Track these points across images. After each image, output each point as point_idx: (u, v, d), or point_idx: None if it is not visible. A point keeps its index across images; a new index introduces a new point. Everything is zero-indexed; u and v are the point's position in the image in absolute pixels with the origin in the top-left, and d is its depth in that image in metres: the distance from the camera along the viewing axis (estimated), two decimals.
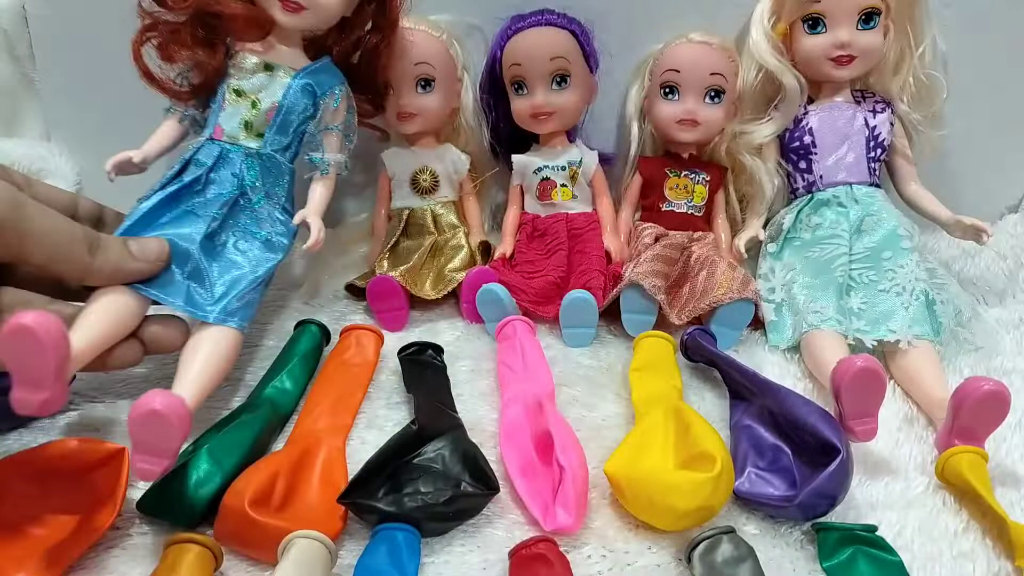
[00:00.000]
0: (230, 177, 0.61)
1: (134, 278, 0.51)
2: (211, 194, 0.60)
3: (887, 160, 0.74)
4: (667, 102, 0.73)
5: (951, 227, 0.70)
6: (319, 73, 0.64)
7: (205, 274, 0.55)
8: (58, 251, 0.46)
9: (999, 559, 0.47)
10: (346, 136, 0.67)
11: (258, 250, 0.60)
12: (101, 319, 0.49)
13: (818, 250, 0.69)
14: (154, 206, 0.57)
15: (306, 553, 0.41)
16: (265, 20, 0.62)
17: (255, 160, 0.62)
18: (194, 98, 0.65)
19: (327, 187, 0.65)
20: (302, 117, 0.63)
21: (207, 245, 0.57)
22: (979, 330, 0.68)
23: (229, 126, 0.62)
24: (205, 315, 0.54)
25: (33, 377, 0.41)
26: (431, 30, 0.72)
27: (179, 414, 0.43)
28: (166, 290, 0.53)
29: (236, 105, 0.62)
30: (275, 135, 0.62)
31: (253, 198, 0.61)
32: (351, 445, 0.54)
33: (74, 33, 0.78)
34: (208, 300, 0.55)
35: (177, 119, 0.66)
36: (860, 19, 0.68)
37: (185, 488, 0.47)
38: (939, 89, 0.72)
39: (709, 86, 0.71)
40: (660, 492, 0.45)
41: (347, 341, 0.62)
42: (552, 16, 0.71)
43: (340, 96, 0.65)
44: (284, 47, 0.64)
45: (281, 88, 0.62)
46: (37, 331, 0.40)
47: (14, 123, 0.84)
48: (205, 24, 0.61)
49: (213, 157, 0.60)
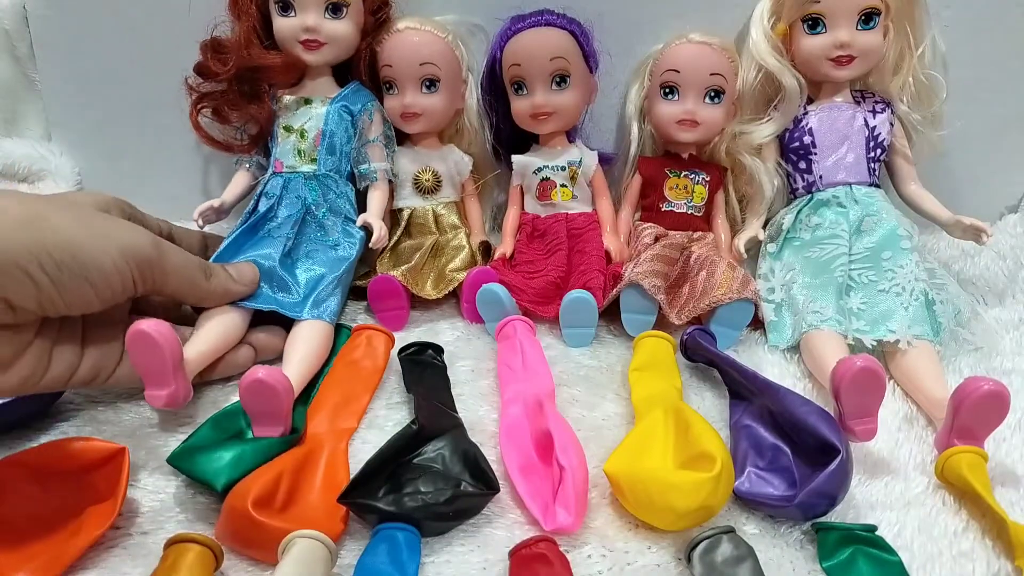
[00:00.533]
0: (295, 200, 0.70)
1: (237, 298, 0.60)
2: (282, 217, 0.69)
3: (887, 160, 0.74)
4: (667, 102, 0.73)
5: (951, 227, 0.70)
6: (351, 96, 0.72)
7: (289, 283, 0.64)
8: (185, 282, 0.55)
9: (999, 559, 0.47)
10: (387, 146, 0.74)
11: (330, 255, 0.68)
12: (212, 332, 0.58)
13: (818, 250, 0.69)
14: (237, 236, 0.66)
15: (306, 553, 0.41)
16: (298, 63, 0.71)
17: (313, 182, 0.71)
18: (254, 147, 0.74)
19: (382, 191, 0.74)
20: (346, 137, 0.72)
21: (286, 261, 0.65)
22: (979, 330, 0.68)
23: (286, 158, 0.72)
24: (297, 314, 0.62)
25: (156, 374, 0.50)
26: (436, 31, 0.72)
27: (278, 379, 0.50)
28: (261, 301, 0.61)
29: (288, 139, 0.72)
30: (326, 156, 0.71)
31: (318, 214, 0.70)
32: (351, 445, 0.54)
33: (75, 33, 0.78)
34: (297, 302, 0.63)
35: (245, 168, 0.76)
36: (860, 19, 0.68)
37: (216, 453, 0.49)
38: (939, 89, 0.72)
39: (709, 86, 0.71)
40: (660, 492, 0.45)
41: (357, 341, 0.62)
42: (552, 16, 0.71)
43: (373, 111, 0.73)
44: (316, 81, 0.73)
45: (321, 116, 0.71)
46: (152, 334, 0.49)
47: (15, 123, 0.84)
48: (247, 80, 0.70)
49: (279, 187, 0.70)
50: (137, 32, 0.77)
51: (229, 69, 0.69)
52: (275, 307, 0.61)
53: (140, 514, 0.48)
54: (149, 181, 0.82)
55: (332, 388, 0.59)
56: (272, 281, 0.63)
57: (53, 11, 0.78)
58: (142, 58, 0.77)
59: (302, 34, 0.69)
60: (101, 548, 0.46)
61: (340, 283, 0.66)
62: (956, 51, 0.72)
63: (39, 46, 0.80)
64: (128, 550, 0.46)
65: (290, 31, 0.69)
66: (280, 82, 0.72)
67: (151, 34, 0.75)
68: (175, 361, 0.51)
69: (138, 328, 0.49)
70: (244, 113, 0.71)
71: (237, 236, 0.66)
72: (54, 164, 0.82)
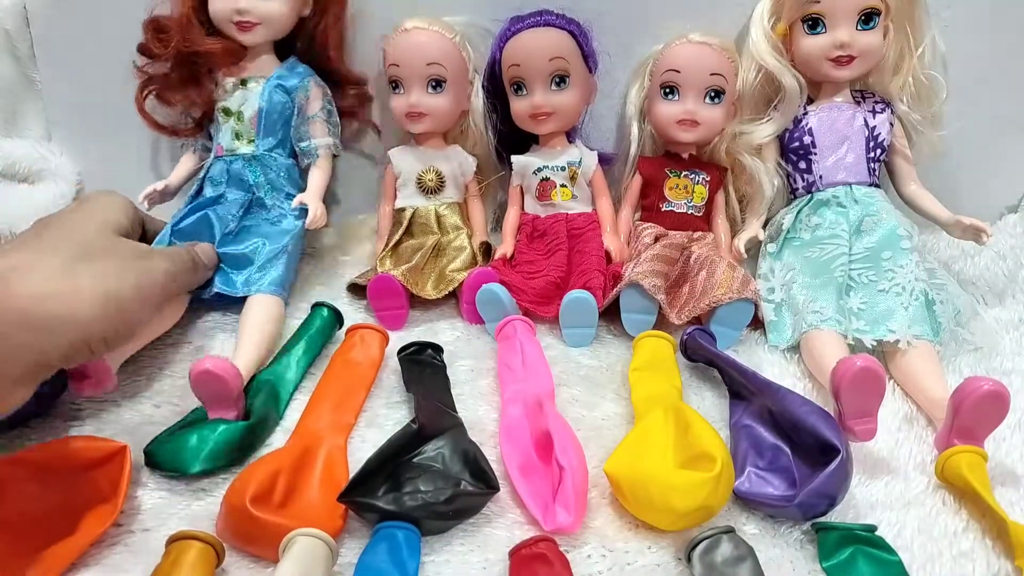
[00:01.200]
0: (239, 182, 0.71)
1: (205, 279, 0.64)
2: (228, 201, 0.70)
3: (887, 160, 0.74)
4: (667, 102, 0.73)
5: (951, 227, 0.70)
6: (287, 72, 0.73)
7: (233, 259, 0.66)
8: (185, 287, 0.61)
9: (999, 559, 0.47)
10: (328, 120, 0.74)
11: (272, 229, 0.70)
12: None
13: (818, 250, 0.69)
14: (181, 220, 0.67)
15: (307, 551, 0.41)
16: (237, 46, 0.71)
17: (253, 163, 0.71)
18: (200, 130, 0.75)
19: (322, 169, 0.73)
20: (284, 115, 0.72)
21: (226, 239, 0.67)
22: (979, 330, 0.68)
23: (226, 141, 0.72)
24: (235, 290, 0.65)
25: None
26: (444, 31, 0.72)
27: (225, 368, 0.52)
28: (204, 290, 0.65)
29: (227, 122, 0.72)
30: (263, 137, 0.71)
31: (260, 193, 0.71)
32: (351, 444, 0.55)
33: (75, 33, 0.78)
34: (237, 279, 0.65)
35: (192, 151, 0.76)
36: (860, 19, 0.68)
37: (186, 442, 0.51)
38: (938, 89, 0.72)
39: (709, 86, 0.72)
40: (660, 492, 0.46)
41: (352, 340, 0.62)
42: (551, 17, 0.71)
43: (310, 85, 0.73)
44: (255, 61, 0.72)
45: (257, 95, 0.71)
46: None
47: (15, 123, 0.84)
48: (188, 65, 0.71)
49: (222, 171, 0.71)
50: (137, 32, 0.77)
51: (169, 52, 0.69)
52: (217, 290, 0.65)
53: (141, 512, 0.48)
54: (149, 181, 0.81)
55: (328, 385, 0.59)
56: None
57: (53, 11, 0.78)
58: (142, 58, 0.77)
59: (235, 16, 0.69)
60: (103, 546, 0.46)
61: (284, 253, 0.68)
62: (956, 51, 0.71)
63: (39, 46, 0.80)
64: (130, 548, 0.46)
65: (224, 13, 0.69)
66: (221, 66, 0.71)
67: None
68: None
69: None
70: (185, 97, 0.71)
71: (181, 220, 0.67)
72: (54, 164, 0.82)
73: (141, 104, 0.73)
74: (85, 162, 0.84)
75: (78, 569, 0.44)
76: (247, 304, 0.65)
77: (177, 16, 0.70)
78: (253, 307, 0.64)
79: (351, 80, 0.77)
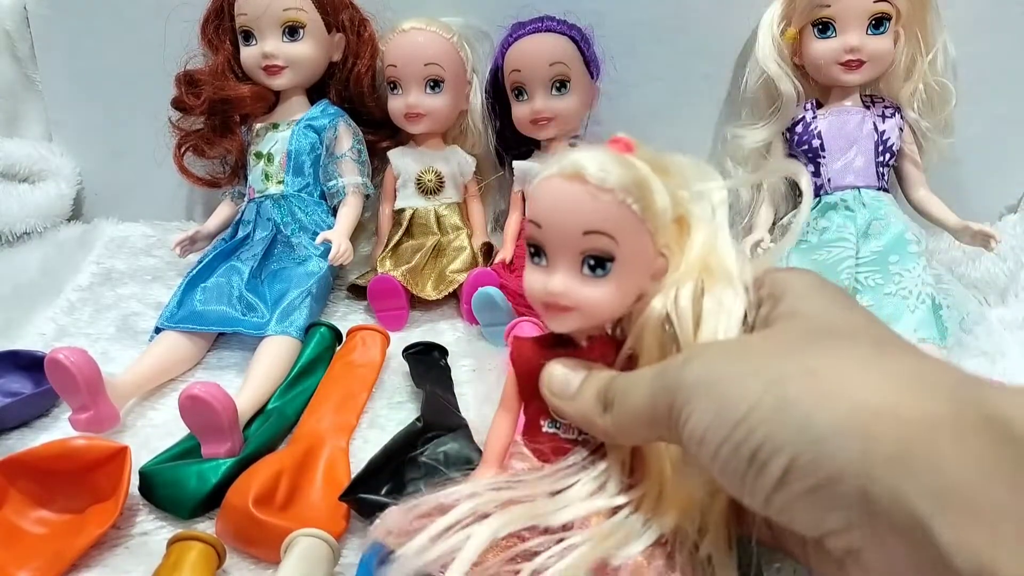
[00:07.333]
0: (266, 223, 0.71)
1: None
2: (255, 240, 0.70)
3: (896, 165, 0.74)
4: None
5: (959, 233, 0.70)
6: (318, 114, 0.73)
7: (255, 304, 0.65)
8: None
9: None
10: (358, 160, 0.74)
11: (298, 271, 0.69)
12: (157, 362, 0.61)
13: (825, 253, 0.69)
14: (211, 259, 0.69)
15: (309, 551, 0.41)
16: (267, 91, 0.72)
17: (282, 202, 0.71)
18: (236, 178, 0.76)
19: (350, 207, 0.73)
20: (313, 155, 0.72)
21: (253, 282, 0.67)
22: (985, 334, 0.68)
23: (256, 184, 0.73)
24: (261, 331, 0.63)
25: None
26: (442, 31, 0.72)
27: (214, 394, 0.49)
28: (225, 323, 0.64)
29: (257, 165, 0.73)
30: (293, 177, 0.72)
31: (287, 233, 0.71)
32: (353, 445, 0.54)
33: (75, 33, 0.78)
34: (263, 321, 0.64)
35: (230, 199, 0.77)
36: (870, 24, 0.68)
37: (184, 482, 0.48)
38: (949, 96, 0.71)
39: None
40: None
41: (353, 342, 0.62)
42: (552, 22, 0.71)
43: (339, 125, 0.73)
44: (286, 105, 0.74)
45: (286, 138, 0.72)
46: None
47: (16, 123, 0.84)
48: (219, 113, 0.71)
49: (252, 212, 0.72)
50: (137, 32, 0.77)
51: (202, 103, 0.70)
52: (239, 329, 0.63)
53: (142, 512, 0.48)
54: (149, 181, 0.82)
55: (329, 387, 0.58)
56: (240, 304, 0.65)
57: (54, 11, 0.78)
58: (142, 58, 0.77)
59: (263, 60, 0.70)
60: (103, 547, 0.45)
61: (310, 296, 0.66)
62: (956, 51, 0.71)
63: (40, 46, 0.80)
64: (130, 549, 0.46)
65: (253, 58, 0.70)
66: (253, 112, 0.73)
67: (151, 34, 0.75)
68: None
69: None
70: (219, 148, 0.73)
71: (211, 259, 0.68)
72: (54, 164, 0.82)
73: (180, 161, 0.74)
74: (85, 162, 0.84)
75: (79, 570, 0.44)
76: (268, 341, 0.62)
77: (211, 65, 0.71)
78: (274, 345, 0.62)
79: (387, 123, 0.77)
